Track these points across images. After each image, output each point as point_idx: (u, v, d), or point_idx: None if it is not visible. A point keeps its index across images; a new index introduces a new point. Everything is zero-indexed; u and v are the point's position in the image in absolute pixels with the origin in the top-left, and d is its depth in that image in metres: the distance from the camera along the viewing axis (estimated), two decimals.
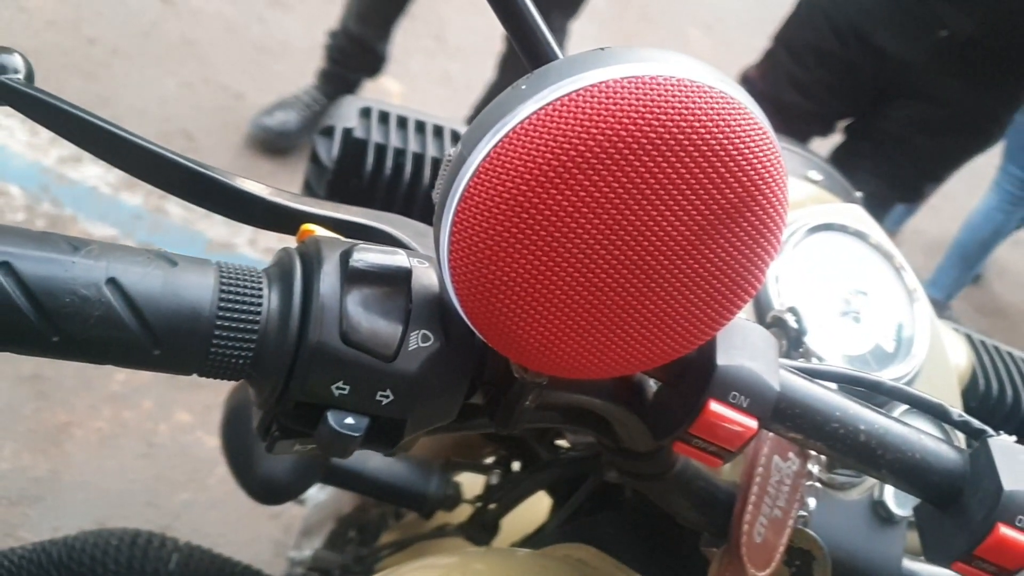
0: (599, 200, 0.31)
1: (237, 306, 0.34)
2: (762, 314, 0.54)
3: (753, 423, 0.39)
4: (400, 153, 0.66)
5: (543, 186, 0.31)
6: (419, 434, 0.38)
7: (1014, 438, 0.44)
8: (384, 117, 0.67)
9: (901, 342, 0.57)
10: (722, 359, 0.39)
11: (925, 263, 3.15)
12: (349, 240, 0.37)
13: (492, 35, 2.53)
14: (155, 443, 1.64)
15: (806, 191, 0.67)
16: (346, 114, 0.67)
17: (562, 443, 0.74)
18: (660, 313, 0.34)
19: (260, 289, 0.35)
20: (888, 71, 1.75)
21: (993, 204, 2.94)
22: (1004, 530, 0.39)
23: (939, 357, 0.59)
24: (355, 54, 2.27)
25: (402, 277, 0.36)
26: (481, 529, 0.77)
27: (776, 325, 0.52)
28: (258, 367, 0.35)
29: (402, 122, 0.67)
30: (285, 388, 0.35)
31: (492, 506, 0.77)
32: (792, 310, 0.52)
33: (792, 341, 0.52)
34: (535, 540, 0.70)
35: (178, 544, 0.79)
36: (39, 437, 1.57)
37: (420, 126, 0.67)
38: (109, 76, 2.23)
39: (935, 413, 0.45)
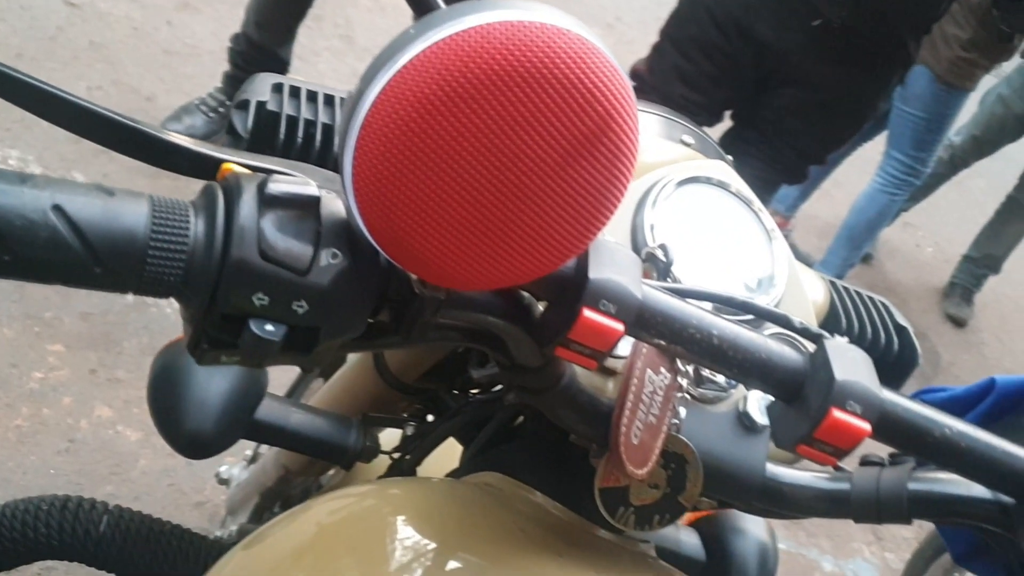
0: (478, 126, 0.37)
1: (168, 229, 0.40)
2: (637, 253, 0.62)
3: (620, 326, 0.45)
4: (310, 124, 0.71)
5: (431, 113, 0.37)
6: (333, 344, 0.44)
7: (847, 339, 0.51)
8: (295, 92, 0.73)
9: (762, 277, 0.65)
10: (593, 273, 0.45)
11: (819, 245, 3.32)
12: (265, 175, 0.43)
13: None
14: (76, 439, 1.64)
15: (679, 152, 0.75)
16: (259, 88, 0.72)
17: (471, 392, 0.80)
18: (537, 228, 0.41)
19: (187, 215, 0.41)
20: (768, 61, 1.87)
21: (878, 187, 3.12)
22: (837, 414, 0.46)
23: (797, 291, 0.67)
24: (257, 59, 2.30)
25: (312, 203, 0.42)
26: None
27: (649, 260, 0.60)
28: (188, 283, 0.40)
29: (312, 96, 0.73)
30: (212, 301, 0.41)
31: (408, 457, 0.83)
32: (662, 246, 0.59)
33: (661, 273, 0.59)
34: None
35: (108, 507, 0.82)
36: None
37: (329, 99, 0.73)
38: None
39: (779, 322, 0.53)
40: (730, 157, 0.82)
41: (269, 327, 0.41)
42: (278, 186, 0.41)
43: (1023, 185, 3.49)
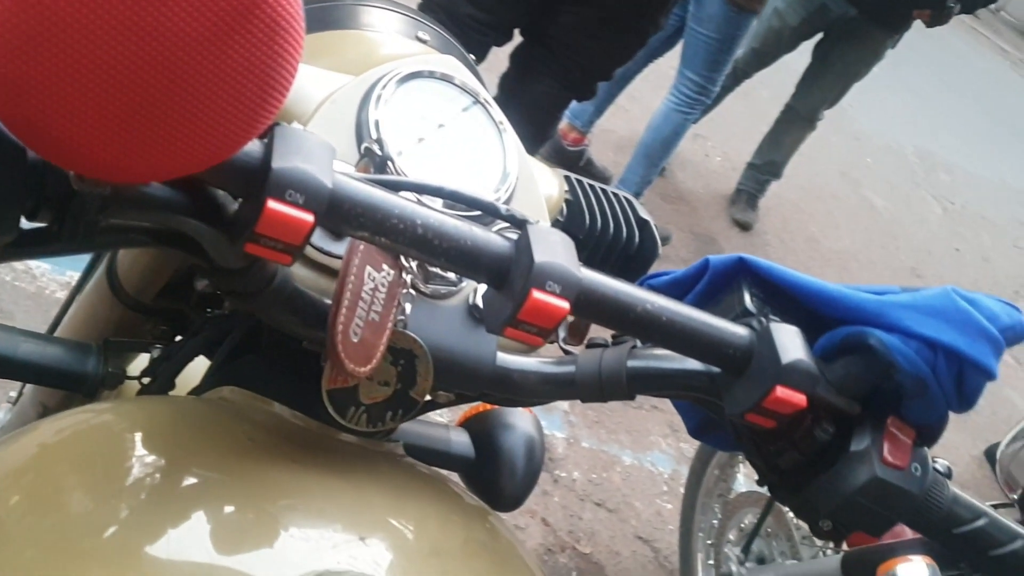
0: None
1: None
2: (359, 149, 0.60)
3: (309, 217, 0.44)
4: None
5: None
6: None
7: (548, 224, 0.52)
8: None
9: (491, 170, 0.65)
10: (277, 163, 0.43)
11: (615, 159, 3.41)
12: None
13: None
14: None
15: (412, 48, 0.74)
16: None
17: (217, 310, 0.77)
18: (194, 111, 0.38)
19: None
20: None
21: (672, 106, 3.22)
22: (537, 294, 0.47)
23: (529, 184, 0.67)
24: None
25: None
26: None
27: (367, 156, 0.58)
28: None
29: None
30: None
31: (157, 381, 0.79)
32: (378, 140, 0.58)
33: (378, 167, 0.58)
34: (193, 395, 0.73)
35: None
36: None
37: None
38: None
39: (486, 210, 0.53)
40: (472, 56, 0.81)
41: None
42: None
43: (799, 94, 3.71)
